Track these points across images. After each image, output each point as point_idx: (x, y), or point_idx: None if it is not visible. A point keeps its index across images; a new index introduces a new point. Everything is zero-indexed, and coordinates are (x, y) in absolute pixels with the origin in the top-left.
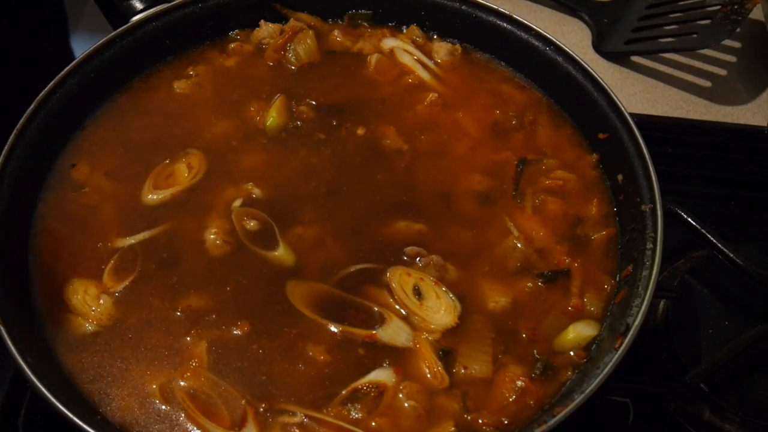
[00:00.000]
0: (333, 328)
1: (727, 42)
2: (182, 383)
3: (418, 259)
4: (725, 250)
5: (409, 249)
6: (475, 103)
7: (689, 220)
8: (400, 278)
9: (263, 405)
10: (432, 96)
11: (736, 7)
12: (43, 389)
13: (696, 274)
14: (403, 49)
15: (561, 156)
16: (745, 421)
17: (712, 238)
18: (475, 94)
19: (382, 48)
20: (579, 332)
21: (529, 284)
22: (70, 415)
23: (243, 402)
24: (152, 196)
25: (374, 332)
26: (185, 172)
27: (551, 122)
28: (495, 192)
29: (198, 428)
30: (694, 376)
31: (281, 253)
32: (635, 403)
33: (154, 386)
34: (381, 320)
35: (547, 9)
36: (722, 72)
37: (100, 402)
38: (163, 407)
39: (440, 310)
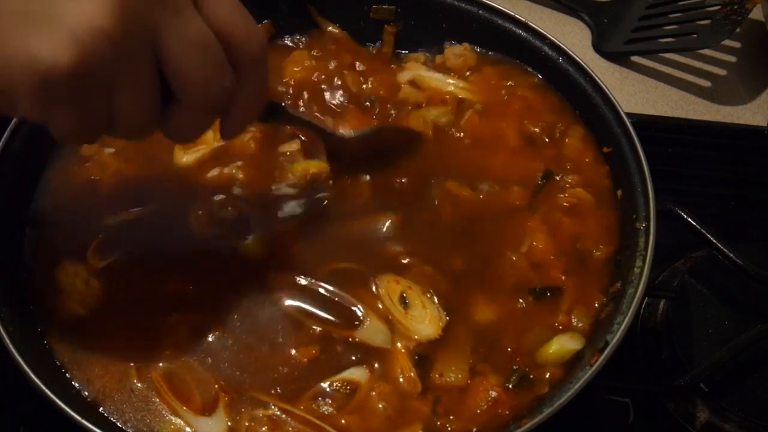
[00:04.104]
0: (313, 324)
1: (727, 42)
2: (159, 365)
3: (409, 265)
4: (725, 250)
5: (402, 255)
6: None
7: (689, 220)
8: (387, 285)
9: (235, 393)
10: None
11: (736, 7)
12: (19, 357)
13: (696, 274)
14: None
15: (580, 170)
16: (745, 421)
17: (712, 238)
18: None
19: (399, 82)
20: (562, 345)
21: (520, 299)
22: (41, 384)
23: (216, 387)
24: (186, 158)
25: (353, 331)
26: (210, 132)
27: (577, 134)
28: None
29: (168, 409)
30: (694, 376)
31: (251, 244)
32: (635, 403)
33: (132, 365)
34: (362, 320)
35: (547, 9)
36: (722, 72)
37: (76, 378)
38: (139, 386)
39: (425, 320)
